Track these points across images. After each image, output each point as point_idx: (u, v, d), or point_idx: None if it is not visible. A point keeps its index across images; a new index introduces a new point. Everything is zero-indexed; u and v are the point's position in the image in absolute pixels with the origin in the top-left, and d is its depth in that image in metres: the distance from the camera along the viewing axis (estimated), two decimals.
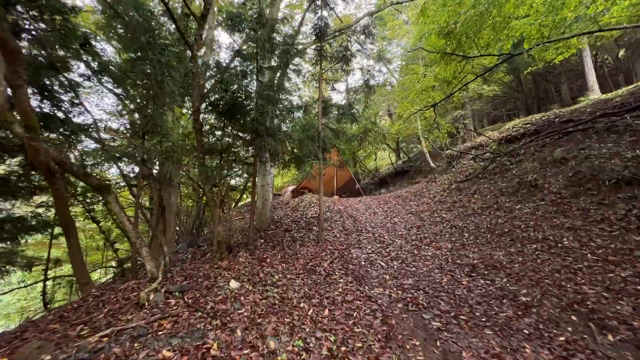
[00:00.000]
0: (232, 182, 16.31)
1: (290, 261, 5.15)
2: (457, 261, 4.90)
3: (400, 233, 6.72)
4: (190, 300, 3.43)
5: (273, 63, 5.92)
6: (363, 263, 5.09)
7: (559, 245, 4.66)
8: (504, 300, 3.60)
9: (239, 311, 3.22)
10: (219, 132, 5.62)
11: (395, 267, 4.86)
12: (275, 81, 5.96)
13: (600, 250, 4.28)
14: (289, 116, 5.86)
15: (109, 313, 3.14)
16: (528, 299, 3.61)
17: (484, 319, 3.32)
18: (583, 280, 3.79)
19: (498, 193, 6.94)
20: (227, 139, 5.54)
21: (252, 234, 5.79)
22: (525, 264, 4.44)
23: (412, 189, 12.25)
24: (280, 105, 5.48)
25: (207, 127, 5.82)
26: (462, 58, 7.63)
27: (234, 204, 15.91)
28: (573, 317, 3.21)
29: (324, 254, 5.52)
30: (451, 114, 13.30)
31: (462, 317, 3.37)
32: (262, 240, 6.23)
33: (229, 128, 5.49)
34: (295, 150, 6.40)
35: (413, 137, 23.84)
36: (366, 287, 4.16)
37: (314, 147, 5.89)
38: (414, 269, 4.75)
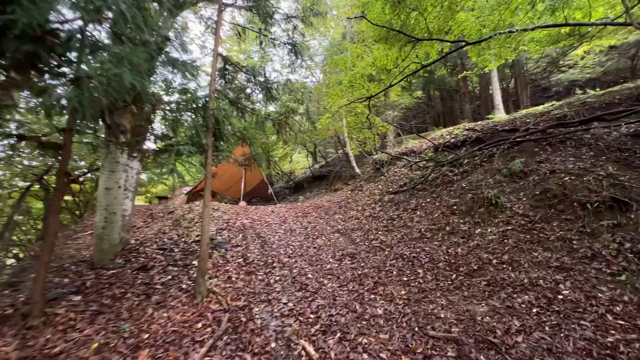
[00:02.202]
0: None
1: None
2: (427, 329, 2.99)
3: (329, 267, 4.60)
4: None
5: None
6: (274, 346, 2.71)
7: (559, 296, 3.23)
8: None
9: None
10: None
11: (332, 354, 2.63)
12: None
13: (618, 308, 2.95)
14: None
15: None
16: None
17: None
18: None
19: (447, 211, 5.54)
20: None
21: (40, 287, 2.73)
22: (531, 334, 2.81)
23: (334, 197, 10.51)
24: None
25: None
26: (409, 40, 6.12)
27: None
28: None
29: (200, 325, 2.93)
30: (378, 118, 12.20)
31: None
32: (80, 297, 3.21)
33: None
34: (163, 128, 3.64)
35: (330, 141, 22.83)
36: None
37: (196, 125, 3.25)
38: (365, 356, 2.62)
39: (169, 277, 3.78)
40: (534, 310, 3.10)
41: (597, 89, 8.86)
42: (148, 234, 6.06)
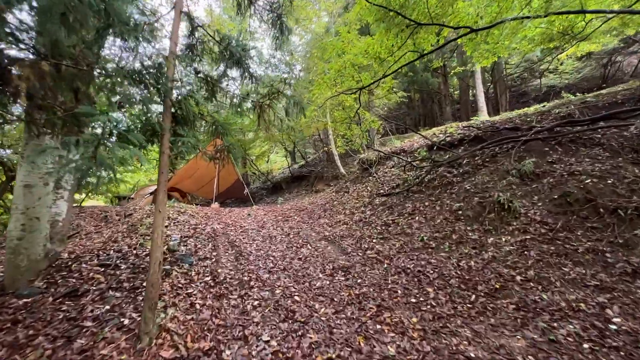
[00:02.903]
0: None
1: None
2: None
3: (319, 285, 3.77)
4: None
5: None
6: None
7: (611, 326, 2.61)
8: None
9: None
10: None
11: None
12: None
13: None
14: None
15: None
16: None
17: None
18: None
19: (450, 216, 4.91)
20: None
21: None
22: None
23: (316, 199, 9.71)
24: None
25: None
26: (408, 24, 5.49)
27: None
28: None
29: None
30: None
31: None
32: None
33: None
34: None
35: (309, 141, 22.02)
36: None
37: (143, 99, 2.33)
38: None
39: (107, 307, 2.78)
40: (586, 346, 2.46)
41: (577, 94, 8.73)
42: (94, 243, 4.94)
